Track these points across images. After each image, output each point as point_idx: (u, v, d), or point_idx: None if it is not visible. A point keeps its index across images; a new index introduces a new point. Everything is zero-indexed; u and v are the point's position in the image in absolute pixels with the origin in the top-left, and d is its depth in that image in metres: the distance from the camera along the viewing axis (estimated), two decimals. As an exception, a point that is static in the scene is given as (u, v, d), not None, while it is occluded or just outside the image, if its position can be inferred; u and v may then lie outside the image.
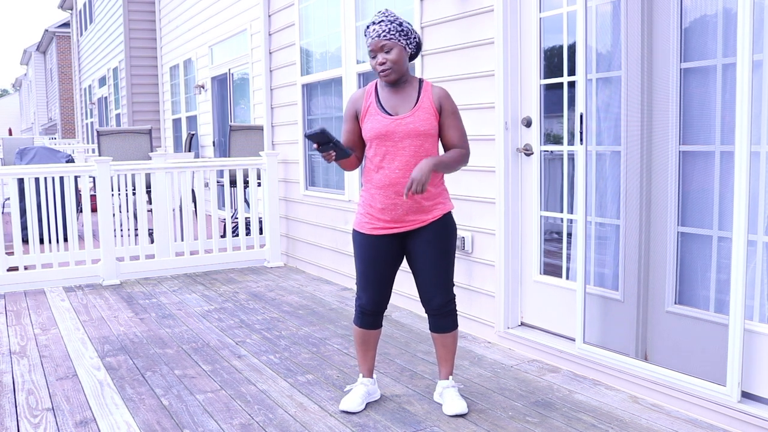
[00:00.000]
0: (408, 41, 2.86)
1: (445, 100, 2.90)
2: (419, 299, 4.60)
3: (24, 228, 7.76)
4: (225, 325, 4.45)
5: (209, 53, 9.88)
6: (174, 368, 3.61)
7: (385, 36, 2.81)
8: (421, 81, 2.94)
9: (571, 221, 3.63)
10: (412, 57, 2.94)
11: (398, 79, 2.88)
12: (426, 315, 4.54)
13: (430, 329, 3.05)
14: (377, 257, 2.95)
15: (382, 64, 2.82)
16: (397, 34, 2.82)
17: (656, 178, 3.15)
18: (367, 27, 2.87)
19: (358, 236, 2.98)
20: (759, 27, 2.68)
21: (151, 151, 8.11)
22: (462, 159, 2.88)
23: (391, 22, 2.83)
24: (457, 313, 3.61)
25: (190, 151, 10.32)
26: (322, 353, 3.83)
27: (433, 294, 2.95)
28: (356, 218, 3.01)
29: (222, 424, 2.90)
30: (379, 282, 2.97)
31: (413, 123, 2.84)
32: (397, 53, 2.83)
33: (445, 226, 2.94)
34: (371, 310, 3.00)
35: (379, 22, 2.83)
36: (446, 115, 2.90)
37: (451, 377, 3.06)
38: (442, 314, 2.98)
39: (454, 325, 3.01)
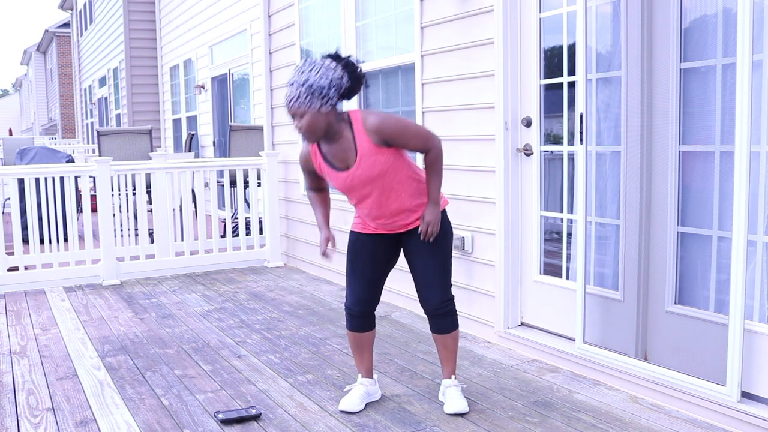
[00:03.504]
0: (324, 100, 2.69)
1: (382, 129, 2.74)
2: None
3: (24, 228, 7.76)
4: (225, 325, 4.46)
5: (209, 53, 9.88)
6: (174, 368, 3.61)
7: (294, 104, 2.71)
8: (350, 122, 2.79)
9: (571, 221, 3.63)
10: (351, 91, 2.79)
11: (323, 137, 2.78)
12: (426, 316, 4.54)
13: (430, 330, 3.05)
14: (363, 255, 2.98)
15: (299, 129, 2.75)
16: (308, 99, 2.68)
17: (656, 178, 3.15)
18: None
19: (351, 235, 3.06)
20: (759, 27, 2.68)
21: (151, 151, 8.11)
22: (436, 163, 2.82)
23: (302, 85, 2.69)
24: (457, 313, 3.60)
25: (190, 151, 10.32)
26: (322, 353, 3.83)
27: (429, 294, 2.95)
28: (353, 222, 3.09)
29: (222, 423, 2.90)
30: (364, 281, 2.99)
31: (364, 172, 2.79)
32: (309, 118, 2.70)
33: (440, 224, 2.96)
34: (358, 311, 3.00)
35: (291, 84, 2.72)
36: (394, 138, 2.76)
37: (453, 376, 3.07)
38: (441, 314, 2.97)
39: (453, 326, 3.00)
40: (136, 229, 7.61)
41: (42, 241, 7.50)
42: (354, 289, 3.00)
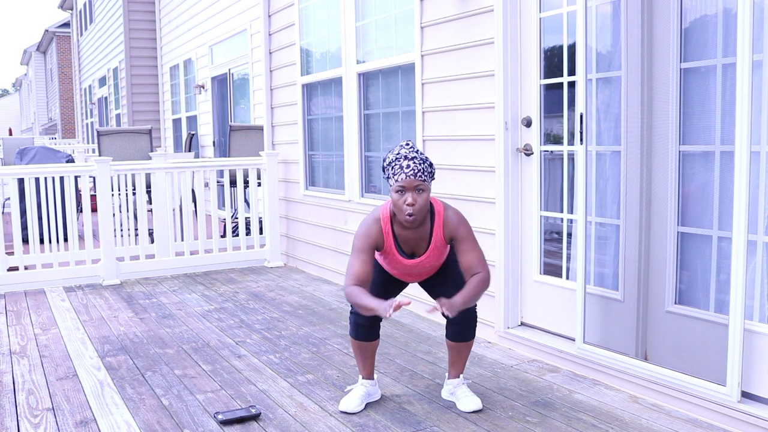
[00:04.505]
0: (431, 181, 2.77)
1: (456, 231, 2.82)
2: (423, 298, 4.60)
3: (24, 228, 7.76)
4: (225, 325, 4.46)
5: (209, 53, 9.88)
6: (174, 368, 3.61)
7: (421, 176, 2.70)
8: (433, 215, 2.85)
9: (571, 221, 3.63)
10: None
11: (420, 220, 2.78)
12: (433, 316, 4.54)
13: (447, 337, 3.04)
14: (386, 282, 3.07)
15: (412, 205, 2.70)
16: (429, 176, 2.73)
17: (656, 178, 3.15)
18: (395, 160, 2.74)
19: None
20: (759, 27, 2.68)
21: (151, 151, 8.11)
22: (482, 289, 2.75)
23: (423, 162, 2.73)
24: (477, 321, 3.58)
25: (190, 151, 10.32)
26: (322, 353, 3.83)
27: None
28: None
29: (222, 424, 2.90)
30: (378, 295, 3.01)
31: (428, 262, 2.92)
32: (426, 197, 2.73)
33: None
34: (365, 320, 2.99)
35: (413, 158, 2.71)
36: (459, 241, 2.83)
37: (461, 375, 3.09)
38: (465, 322, 2.98)
39: (473, 334, 3.02)
40: (136, 229, 7.61)
41: (42, 241, 7.50)
42: None
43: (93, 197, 10.54)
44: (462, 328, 2.98)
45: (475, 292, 2.73)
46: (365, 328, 2.99)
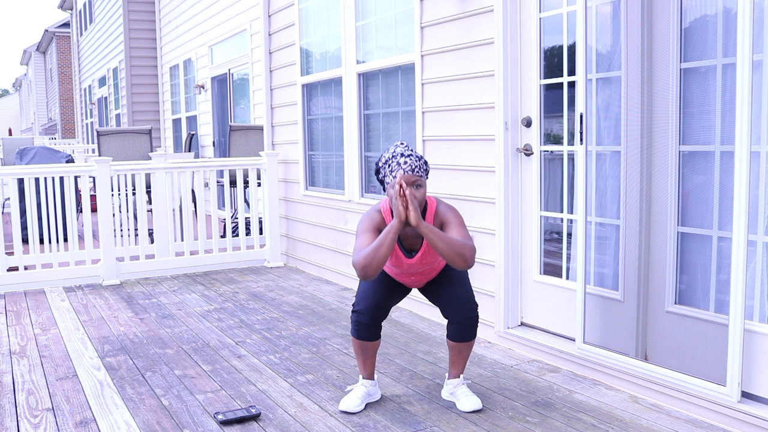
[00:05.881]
0: (427, 178, 2.88)
1: (445, 216, 2.90)
2: (425, 299, 4.60)
3: (24, 228, 7.76)
4: (225, 325, 4.46)
5: (209, 53, 9.88)
6: (174, 368, 3.61)
7: (418, 172, 2.79)
8: (425, 203, 2.92)
9: (571, 221, 3.63)
10: None
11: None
12: (432, 315, 4.54)
13: (448, 337, 3.05)
14: (388, 285, 3.05)
15: (412, 200, 2.72)
16: (425, 173, 2.84)
17: (656, 178, 3.15)
18: (392, 158, 2.83)
19: None
20: (759, 27, 2.68)
21: (151, 151, 8.11)
22: (456, 243, 2.70)
23: (419, 159, 2.82)
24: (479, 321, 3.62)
25: (190, 151, 10.32)
26: (322, 353, 3.83)
27: (460, 308, 2.97)
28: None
29: (222, 425, 2.90)
30: (381, 296, 3.00)
31: (426, 259, 2.95)
32: (423, 193, 2.83)
33: None
34: (368, 320, 2.98)
35: (408, 155, 2.81)
36: (447, 223, 2.89)
37: (461, 375, 3.09)
38: (468, 325, 2.98)
39: (474, 334, 3.02)
40: (136, 229, 7.61)
41: (42, 241, 7.51)
42: (369, 297, 2.98)
43: (93, 197, 10.55)
44: (463, 328, 2.98)
45: (444, 235, 2.69)
46: (367, 328, 2.99)
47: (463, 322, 2.97)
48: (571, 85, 3.54)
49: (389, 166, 2.83)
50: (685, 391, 2.92)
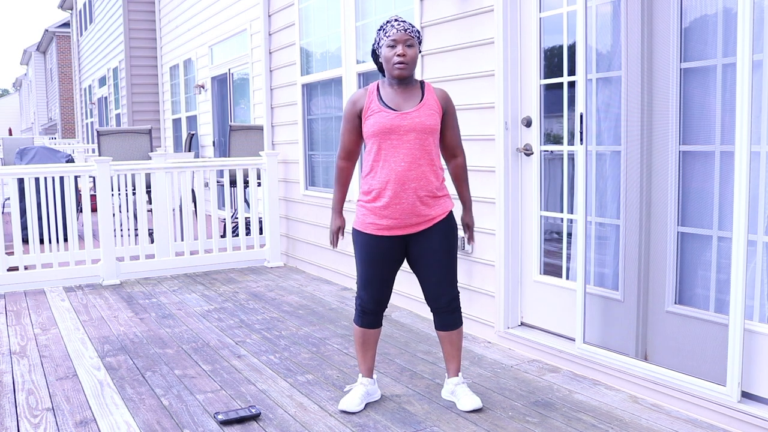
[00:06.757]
0: (419, 46, 2.96)
1: (448, 102, 3.01)
2: (423, 298, 4.60)
3: (24, 228, 7.76)
4: (225, 325, 4.46)
5: (209, 53, 9.88)
6: (174, 368, 3.61)
7: (409, 32, 2.89)
8: (422, 82, 3.00)
9: (571, 221, 3.63)
10: None
11: (408, 77, 2.93)
12: (431, 314, 4.54)
13: (436, 328, 3.07)
14: (380, 257, 2.96)
15: (402, 55, 2.86)
16: (416, 35, 2.93)
17: (656, 178, 3.15)
18: (386, 23, 2.93)
19: (360, 236, 2.98)
20: (759, 27, 2.68)
21: (151, 151, 8.11)
22: (466, 171, 3.11)
23: (412, 26, 2.93)
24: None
25: (190, 151, 10.32)
26: (322, 353, 3.83)
27: (441, 292, 2.98)
28: (357, 219, 2.99)
29: (222, 425, 2.90)
30: (380, 281, 2.98)
31: (419, 117, 2.89)
32: (415, 52, 2.91)
33: (448, 224, 2.98)
34: (372, 309, 3.02)
35: (402, 20, 2.92)
36: (449, 115, 3.01)
37: (460, 373, 3.09)
38: (449, 311, 3.01)
39: (460, 322, 3.05)
40: (136, 229, 7.61)
41: (42, 241, 7.51)
42: (368, 289, 2.99)
43: (93, 197, 10.55)
44: (448, 316, 3.01)
45: (467, 188, 3.11)
46: (370, 316, 3.03)
47: (442, 308, 2.99)
48: (571, 85, 3.54)
49: (384, 29, 2.93)
50: (685, 391, 2.92)
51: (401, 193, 2.87)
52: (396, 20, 2.92)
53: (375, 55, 3.02)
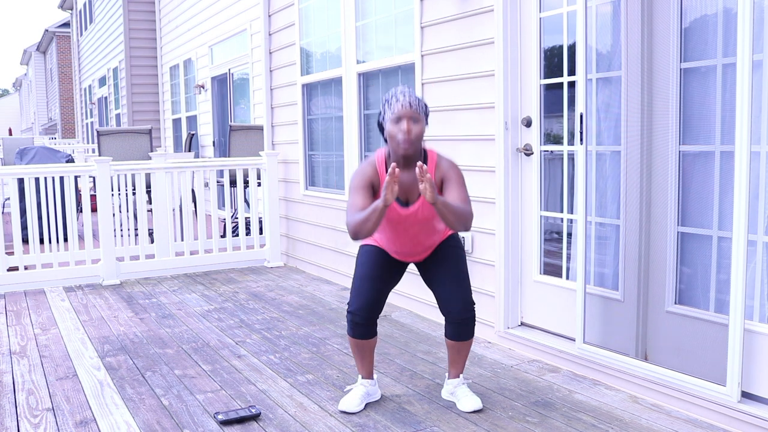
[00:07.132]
0: (426, 120, 2.88)
1: (448, 171, 2.87)
2: (423, 298, 4.60)
3: (24, 228, 7.76)
4: (225, 325, 4.46)
5: (209, 53, 9.88)
6: (174, 368, 3.61)
7: (416, 107, 2.80)
8: (426, 153, 2.92)
9: (571, 221, 3.63)
10: None
11: (413, 154, 2.85)
12: (431, 314, 4.54)
13: (446, 336, 3.05)
14: (377, 263, 3.00)
15: (408, 132, 2.77)
16: (423, 111, 2.84)
17: (656, 178, 3.15)
18: (391, 96, 2.85)
19: (368, 246, 3.05)
20: (759, 27, 2.68)
21: (151, 151, 8.11)
22: (463, 214, 2.72)
23: (419, 99, 2.84)
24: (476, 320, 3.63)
25: (190, 151, 10.32)
26: (322, 353, 3.83)
27: (455, 302, 2.96)
28: (367, 241, 3.08)
29: (222, 425, 2.90)
30: (374, 293, 2.98)
31: (422, 213, 2.89)
32: (421, 127, 2.81)
33: (452, 238, 3.05)
34: (362, 319, 2.98)
35: (409, 93, 2.83)
36: (447, 181, 2.87)
37: (461, 375, 3.09)
38: (464, 322, 2.98)
39: (472, 333, 3.02)
40: (136, 229, 7.61)
41: (42, 241, 7.51)
42: (362, 295, 2.97)
43: (93, 197, 10.55)
44: (460, 327, 2.98)
45: (455, 208, 2.69)
46: (363, 327, 2.99)
47: (459, 322, 2.97)
48: (571, 85, 3.54)
49: (389, 102, 2.84)
50: (685, 391, 2.92)
51: (408, 245, 2.99)
52: (402, 93, 2.83)
53: (381, 128, 2.93)
